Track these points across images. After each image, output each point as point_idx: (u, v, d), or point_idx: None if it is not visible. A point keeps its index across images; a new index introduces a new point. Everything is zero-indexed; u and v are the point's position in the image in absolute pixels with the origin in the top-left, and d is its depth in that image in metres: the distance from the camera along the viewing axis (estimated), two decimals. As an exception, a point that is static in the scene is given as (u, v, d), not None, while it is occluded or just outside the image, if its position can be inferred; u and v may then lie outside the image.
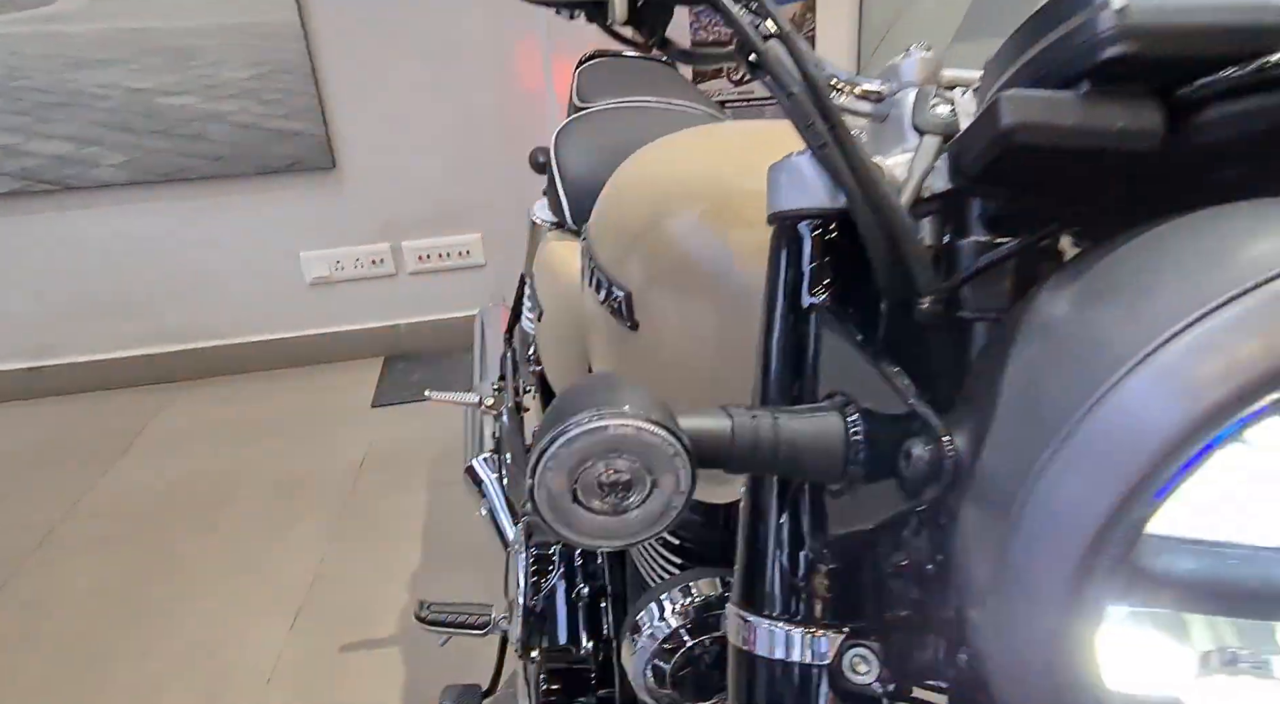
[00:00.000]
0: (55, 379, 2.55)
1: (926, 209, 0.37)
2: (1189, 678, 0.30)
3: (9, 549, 1.92)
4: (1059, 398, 0.26)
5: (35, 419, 2.47)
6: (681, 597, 0.59)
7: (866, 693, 0.38)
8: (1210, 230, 0.27)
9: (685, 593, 0.59)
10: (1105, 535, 0.25)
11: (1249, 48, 0.29)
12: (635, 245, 0.62)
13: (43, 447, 2.33)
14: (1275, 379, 0.23)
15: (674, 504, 0.34)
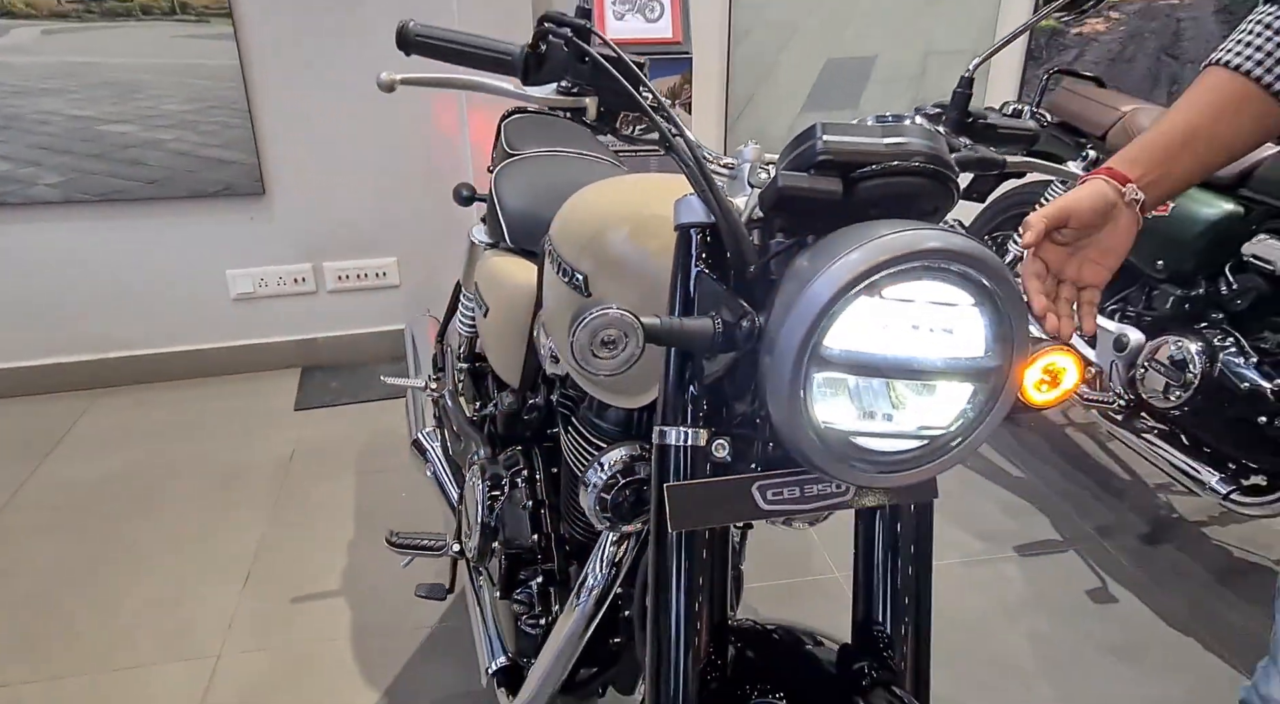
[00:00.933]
0: (-26, 386, 2.66)
1: (752, 224, 0.77)
2: (852, 418, 0.71)
3: (-42, 534, 2.07)
4: (794, 296, 0.67)
5: (-45, 424, 2.58)
6: (614, 457, 0.97)
7: (722, 462, 0.77)
8: (855, 230, 0.68)
9: (615, 455, 0.98)
10: (805, 346, 0.65)
11: (877, 157, 0.70)
12: (588, 247, 1.01)
13: (-33, 448, 2.45)
14: (858, 281, 0.64)
15: (634, 355, 0.73)
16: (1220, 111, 0.88)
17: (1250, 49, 0.86)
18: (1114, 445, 2.46)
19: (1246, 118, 0.88)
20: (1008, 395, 0.72)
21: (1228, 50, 0.89)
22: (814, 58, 2.96)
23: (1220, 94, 0.88)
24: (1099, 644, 1.74)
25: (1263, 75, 0.86)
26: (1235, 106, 0.88)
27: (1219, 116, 0.88)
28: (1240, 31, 0.89)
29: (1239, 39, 0.88)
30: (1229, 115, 0.88)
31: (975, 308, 0.69)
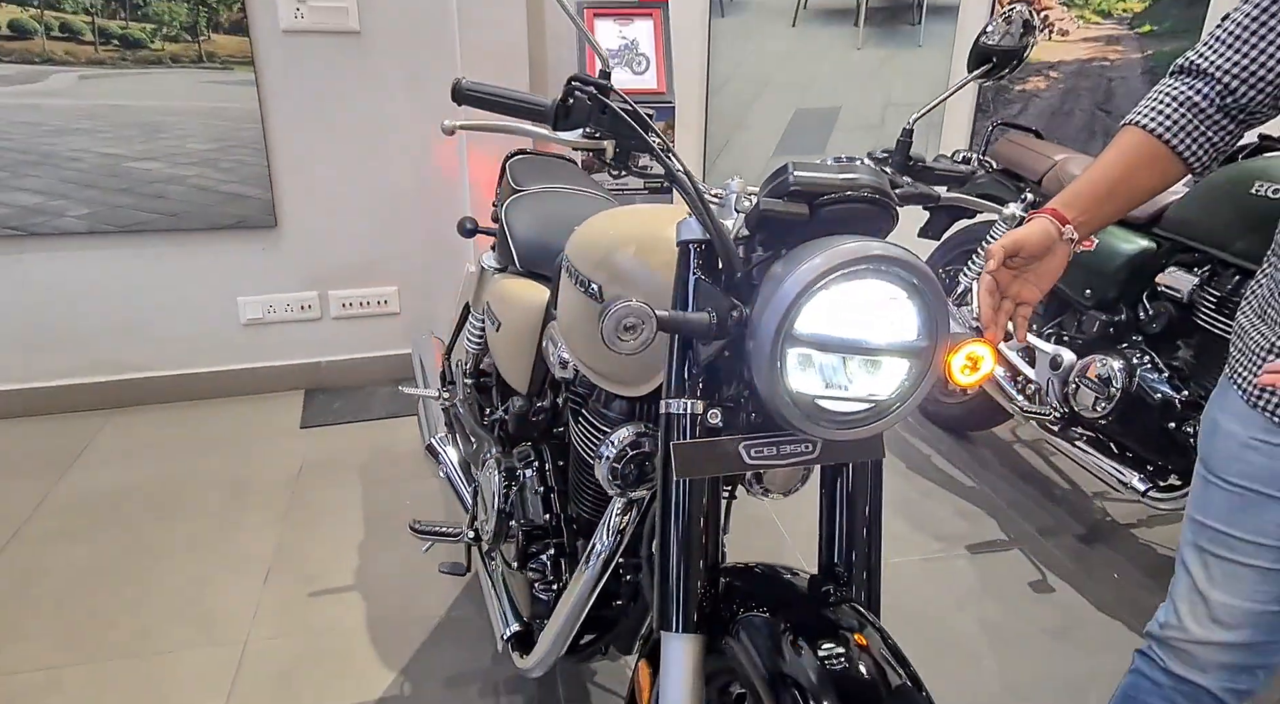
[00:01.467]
0: None
1: (738, 241, 1.00)
2: (818, 386, 0.92)
3: (-7, 537, 2.21)
4: (771, 292, 0.89)
5: (-25, 440, 2.72)
6: (622, 434, 1.18)
7: (715, 427, 0.99)
8: (818, 242, 0.91)
9: (623, 432, 1.18)
10: (780, 330, 0.87)
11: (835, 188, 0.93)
12: (602, 262, 1.23)
13: (-12, 463, 2.59)
14: (819, 279, 0.86)
15: (648, 339, 0.94)
16: (1137, 166, 1.12)
17: (1160, 116, 1.10)
18: (1056, 459, 2.70)
19: (1156, 171, 1.12)
20: (934, 369, 0.94)
21: (1142, 113, 1.12)
22: (784, 107, 3.24)
23: (1137, 151, 1.12)
24: (1039, 627, 1.95)
25: (1169, 138, 1.10)
26: (1149, 162, 1.12)
27: (1135, 170, 1.12)
28: (1151, 98, 1.13)
29: (1151, 105, 1.12)
30: (1144, 169, 1.12)
31: (910, 301, 0.92)
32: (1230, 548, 1.11)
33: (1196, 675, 1.14)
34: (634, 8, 2.84)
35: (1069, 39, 3.42)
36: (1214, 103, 1.07)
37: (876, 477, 1.07)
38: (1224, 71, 1.06)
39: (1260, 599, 1.10)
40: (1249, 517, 1.09)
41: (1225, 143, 1.10)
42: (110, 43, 2.57)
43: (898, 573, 2.13)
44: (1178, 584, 1.19)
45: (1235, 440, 1.11)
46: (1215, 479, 1.13)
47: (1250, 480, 1.09)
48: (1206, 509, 1.14)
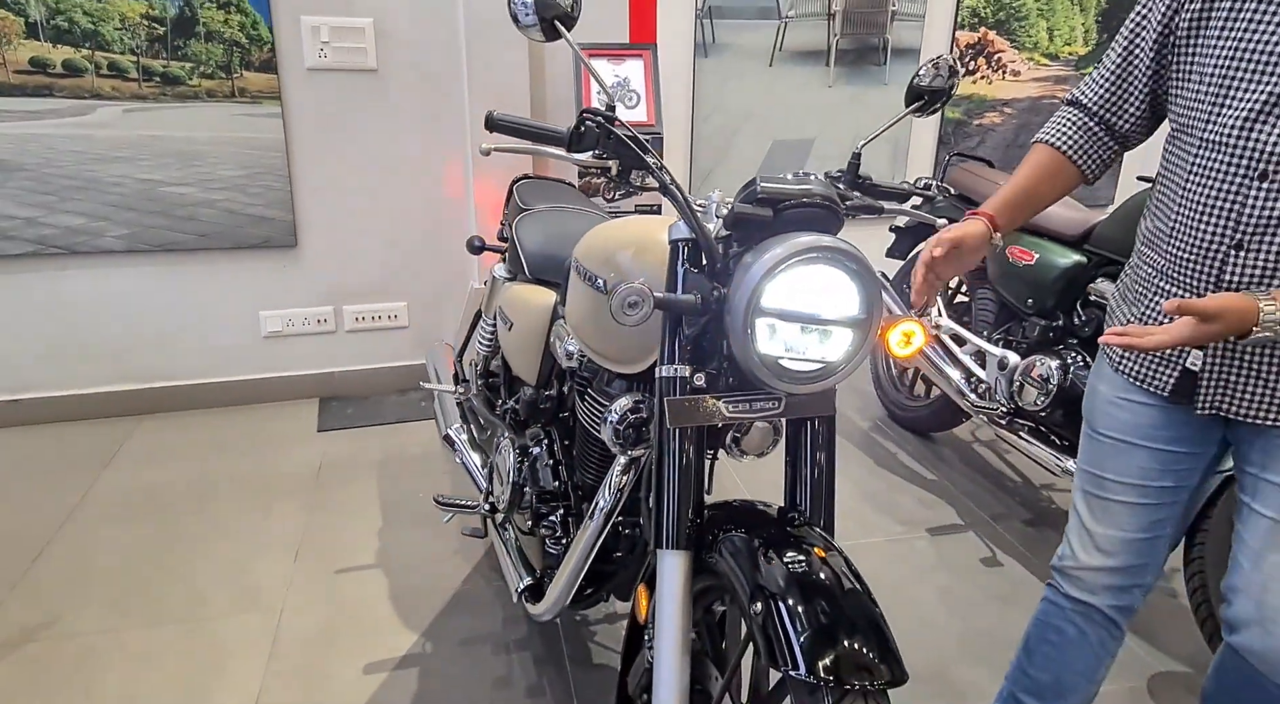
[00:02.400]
0: (31, 411, 3.03)
1: (719, 240, 1.26)
2: (781, 350, 1.18)
3: (37, 527, 2.42)
4: (743, 276, 1.15)
5: (12, 444, 2.92)
6: (623, 402, 1.43)
7: (700, 387, 1.24)
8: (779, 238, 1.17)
9: (623, 400, 1.43)
10: (749, 304, 1.13)
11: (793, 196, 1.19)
12: (608, 261, 1.49)
13: (27, 463, 2.80)
14: (779, 264, 1.12)
15: (648, 314, 1.19)
16: (1044, 177, 1.42)
17: (1064, 136, 1.40)
18: (1010, 455, 2.97)
19: (1059, 180, 1.42)
20: (871, 338, 1.20)
21: (1050, 134, 1.42)
22: (763, 139, 3.54)
23: (1045, 165, 1.42)
24: (987, 594, 2.20)
25: (1071, 155, 1.39)
26: (1053, 173, 1.42)
27: (1042, 180, 1.42)
28: (1055, 122, 1.43)
29: (1056, 127, 1.41)
30: (1049, 180, 1.42)
31: (851, 284, 1.18)
32: (1104, 488, 1.38)
33: (1089, 597, 1.40)
34: (626, 49, 3.14)
35: (1020, 79, 3.76)
36: (1100, 127, 1.37)
37: (830, 431, 1.32)
38: (1099, 106, 1.35)
39: (1130, 528, 1.36)
40: (1117, 461, 1.36)
41: (1110, 158, 1.40)
42: (152, 79, 2.84)
43: (864, 552, 2.38)
44: (1070, 523, 1.45)
45: (1104, 399, 1.38)
46: (1092, 432, 1.40)
47: (1116, 431, 1.36)
48: (1088, 458, 1.41)
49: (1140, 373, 1.33)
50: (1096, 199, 3.96)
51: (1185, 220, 1.24)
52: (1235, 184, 1.17)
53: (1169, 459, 1.33)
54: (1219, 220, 1.19)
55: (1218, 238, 1.19)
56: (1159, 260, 1.30)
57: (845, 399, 3.40)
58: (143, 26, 2.78)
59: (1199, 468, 1.34)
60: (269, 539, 2.38)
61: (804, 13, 3.43)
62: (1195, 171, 1.22)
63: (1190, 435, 1.31)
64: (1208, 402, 1.25)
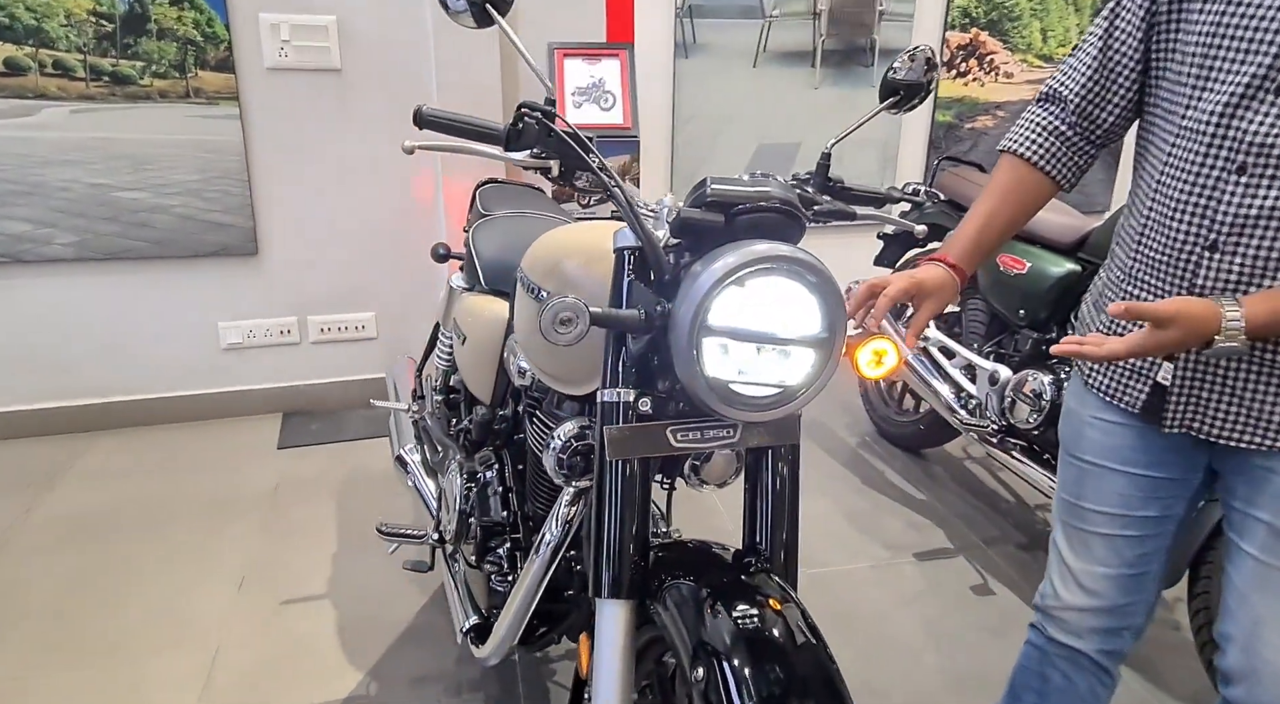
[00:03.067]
0: (-24, 427, 2.89)
1: (669, 249, 1.12)
2: (734, 372, 1.04)
3: (-27, 550, 2.27)
4: (689, 288, 1.01)
5: (-43, 460, 2.78)
6: (568, 427, 1.29)
7: (646, 414, 1.10)
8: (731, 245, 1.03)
9: (568, 426, 1.29)
10: (695, 320, 0.99)
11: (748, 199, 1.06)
12: (552, 271, 1.35)
13: (-30, 482, 2.66)
14: (728, 275, 0.98)
15: (583, 332, 1.05)
16: (1017, 197, 1.27)
17: (1033, 144, 1.26)
18: (1002, 474, 2.83)
19: (1032, 194, 1.27)
20: (835, 359, 1.06)
21: (1017, 141, 1.28)
22: (747, 143, 3.41)
23: (1017, 183, 1.27)
24: (977, 626, 2.06)
25: (1042, 164, 1.25)
26: (1025, 189, 1.27)
27: (1016, 202, 1.28)
28: (1023, 126, 1.29)
29: (1024, 133, 1.27)
30: (1024, 197, 1.27)
31: (813, 298, 1.04)
32: (1083, 518, 1.24)
33: (1074, 640, 1.26)
34: (601, 49, 3.01)
35: (1013, 81, 3.63)
36: (1074, 128, 1.23)
37: (793, 461, 1.19)
38: (1080, 97, 1.21)
39: (1112, 563, 1.22)
40: (1092, 488, 1.23)
41: (1086, 163, 1.26)
42: (101, 79, 2.70)
43: (847, 578, 2.23)
44: (1050, 557, 1.31)
45: (1079, 419, 1.25)
46: (1069, 457, 1.27)
47: (1093, 455, 1.23)
48: (1065, 485, 1.28)
49: (1111, 388, 1.20)
50: (1092, 205, 3.83)
51: (1156, 218, 1.11)
52: (1211, 178, 1.04)
53: (1150, 485, 1.20)
54: (1192, 218, 1.06)
55: (1190, 238, 1.07)
56: (1128, 263, 1.17)
57: (831, 413, 3.26)
58: (90, 23, 2.65)
59: (1184, 495, 1.21)
60: (213, 567, 2.24)
61: (788, 12, 3.30)
62: (1169, 164, 1.09)
63: (1172, 459, 1.17)
64: (1176, 419, 1.12)
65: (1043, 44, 3.63)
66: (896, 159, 3.60)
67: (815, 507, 2.59)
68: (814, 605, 2.10)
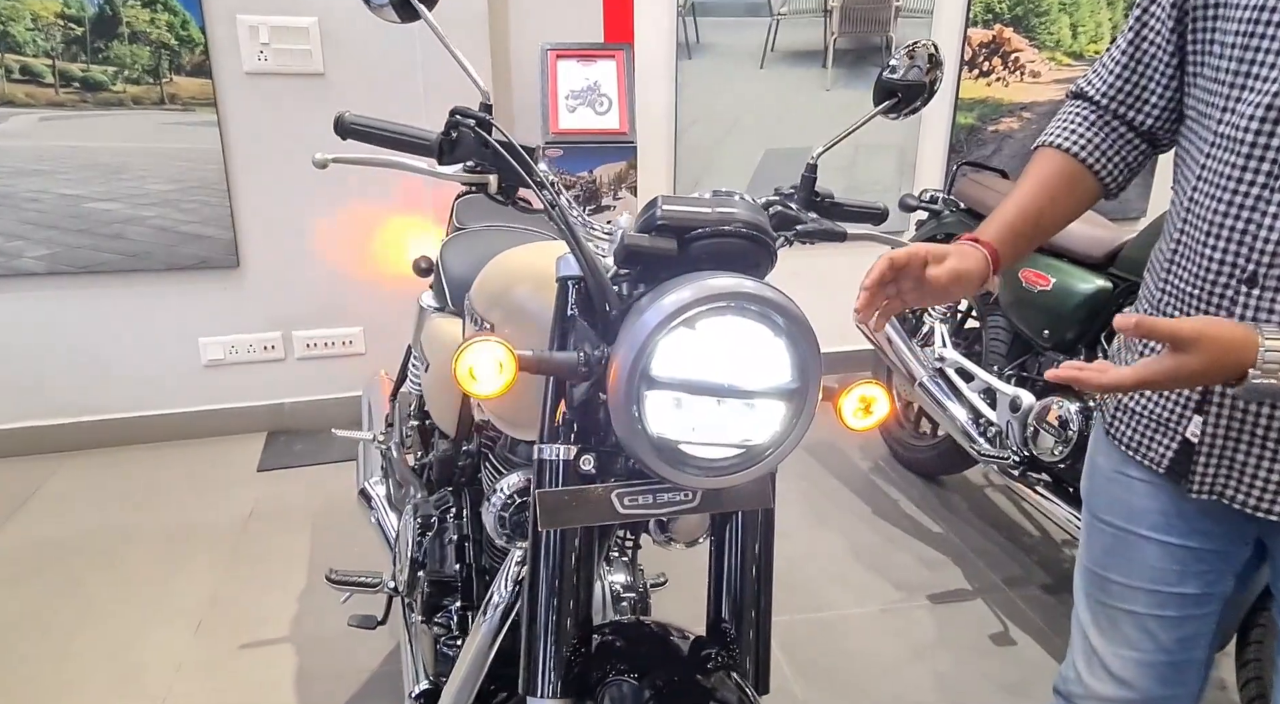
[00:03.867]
0: (-53, 447, 2.78)
1: (619, 278, 0.95)
2: (685, 430, 0.87)
3: (-77, 583, 2.15)
4: (630, 328, 0.84)
5: (-74, 483, 2.67)
6: (512, 480, 1.12)
7: (588, 474, 0.93)
8: (684, 278, 0.86)
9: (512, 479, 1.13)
10: (636, 367, 0.82)
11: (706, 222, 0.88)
12: (498, 300, 1.18)
13: (-64, 506, 2.54)
14: (676, 314, 0.81)
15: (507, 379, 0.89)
16: (1058, 190, 1.07)
17: (1075, 135, 1.07)
18: (1027, 505, 2.61)
19: (1074, 192, 1.08)
20: (808, 414, 0.88)
21: (1055, 134, 1.09)
22: (754, 148, 3.23)
23: (1057, 175, 1.08)
24: (995, 682, 1.86)
25: (1085, 157, 1.06)
26: (1069, 184, 1.07)
27: (1057, 196, 1.07)
28: (1061, 119, 1.10)
29: (1064, 125, 1.09)
30: (1065, 193, 1.08)
31: (780, 342, 0.86)
32: (1109, 593, 1.06)
33: None
34: (598, 49, 2.84)
35: (1040, 80, 3.41)
36: (1120, 119, 1.05)
37: (767, 526, 1.01)
38: (1110, 98, 1.03)
39: (1146, 649, 1.03)
40: (1119, 558, 1.04)
41: (1137, 162, 1.08)
42: (71, 85, 2.58)
43: (853, 623, 2.04)
44: (1073, 633, 1.13)
45: (1103, 475, 1.07)
46: (1091, 518, 1.09)
47: (1116, 517, 1.04)
48: (1088, 551, 1.10)
49: (1134, 441, 1.01)
50: (1125, 213, 3.59)
51: (1188, 243, 0.93)
52: (1250, 196, 0.86)
53: (1187, 557, 1.00)
54: (1228, 245, 0.88)
55: (1226, 268, 0.88)
56: (1156, 294, 0.99)
57: (842, 434, 3.06)
58: (58, 27, 2.53)
59: (1230, 570, 1.01)
60: (172, 605, 2.10)
61: (798, 9, 3.12)
62: (1203, 179, 0.92)
63: (1211, 528, 0.98)
64: (1205, 484, 0.94)
65: (1072, 40, 3.41)
66: (915, 166, 3.40)
67: (821, 540, 2.40)
68: (815, 655, 1.91)
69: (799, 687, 1.83)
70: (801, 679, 1.85)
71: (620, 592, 1.35)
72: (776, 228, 1.14)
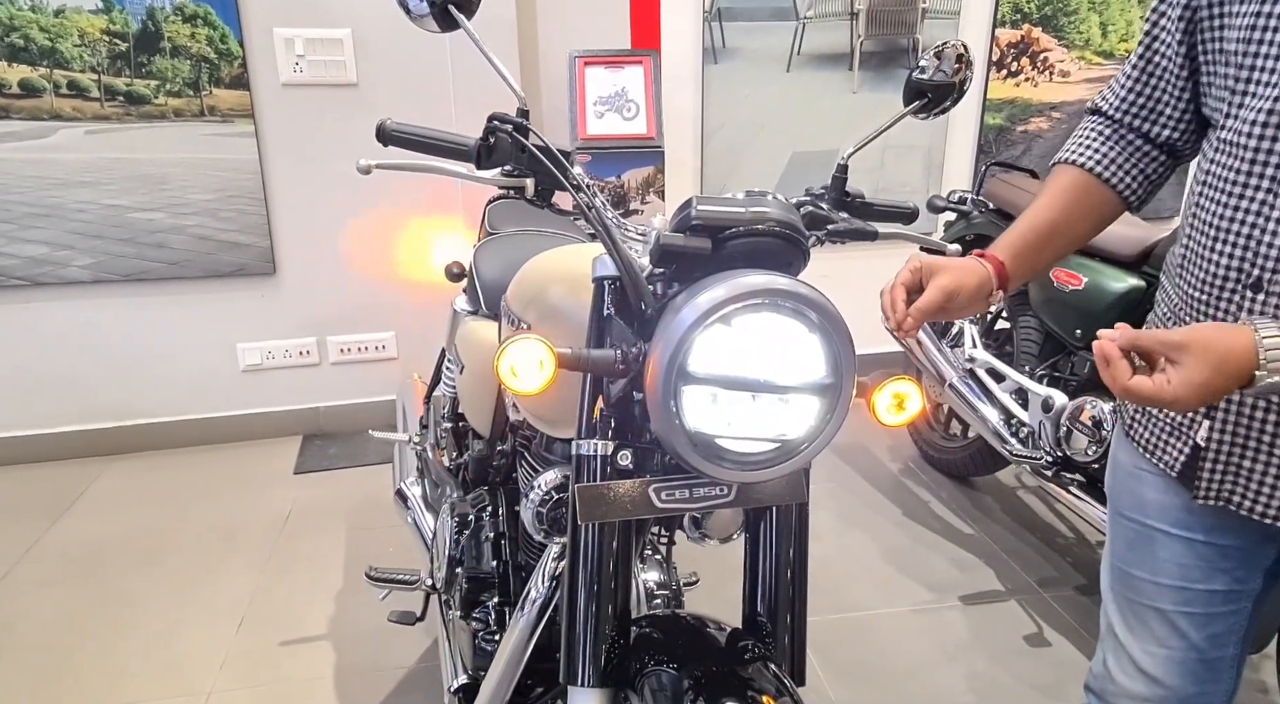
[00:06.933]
0: (-3, 451, 2.86)
1: (654, 278, 0.97)
2: (721, 425, 0.88)
3: (-24, 583, 2.22)
4: (667, 325, 0.86)
5: (-23, 486, 2.76)
6: (549, 477, 1.15)
7: (625, 469, 0.95)
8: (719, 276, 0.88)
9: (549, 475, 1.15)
10: (673, 364, 0.84)
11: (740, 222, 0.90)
12: (534, 301, 1.21)
13: (-13, 508, 2.62)
14: (713, 312, 0.83)
15: (547, 377, 0.91)
16: (1074, 205, 1.08)
17: (1092, 151, 1.08)
18: (1061, 507, 2.60)
19: (1093, 208, 1.09)
20: (842, 409, 0.90)
21: (1072, 151, 1.10)
22: (781, 151, 3.24)
23: (1073, 190, 1.08)
24: (1030, 683, 1.85)
25: (1102, 172, 1.07)
26: (1086, 199, 1.08)
27: (1073, 210, 1.08)
28: (1079, 136, 1.11)
29: (1080, 141, 1.10)
30: (1082, 208, 1.08)
31: (815, 337, 0.88)
32: (1136, 589, 1.06)
33: None
34: (625, 56, 2.87)
35: (1070, 80, 3.39)
36: (1136, 133, 1.06)
37: (801, 521, 1.03)
38: (1124, 112, 1.05)
39: (1176, 646, 1.03)
40: (1144, 553, 1.04)
41: (1158, 175, 1.08)
42: (115, 99, 2.66)
43: (884, 624, 2.04)
44: (1102, 628, 1.13)
45: (1124, 470, 1.07)
46: (1115, 514, 1.09)
47: (1137, 513, 1.04)
48: (1114, 547, 1.10)
49: (1151, 444, 1.01)
50: (1159, 211, 3.56)
51: (1194, 248, 0.93)
52: (1255, 201, 0.86)
53: (1213, 554, 0.99)
54: (1233, 250, 0.88)
55: (1231, 273, 0.88)
56: (1173, 298, 0.99)
57: (871, 435, 3.06)
58: (103, 43, 2.60)
59: (1259, 566, 1.00)
60: (214, 604, 2.15)
61: (824, 13, 3.13)
62: (1207, 184, 0.92)
63: (1235, 524, 0.96)
64: (1211, 489, 0.93)
65: (1102, 39, 3.38)
66: (943, 167, 3.39)
67: (851, 541, 2.41)
68: (846, 655, 1.92)
69: (830, 686, 1.83)
70: (833, 678, 1.85)
71: (654, 589, 1.37)
72: (808, 227, 1.15)
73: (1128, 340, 0.78)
